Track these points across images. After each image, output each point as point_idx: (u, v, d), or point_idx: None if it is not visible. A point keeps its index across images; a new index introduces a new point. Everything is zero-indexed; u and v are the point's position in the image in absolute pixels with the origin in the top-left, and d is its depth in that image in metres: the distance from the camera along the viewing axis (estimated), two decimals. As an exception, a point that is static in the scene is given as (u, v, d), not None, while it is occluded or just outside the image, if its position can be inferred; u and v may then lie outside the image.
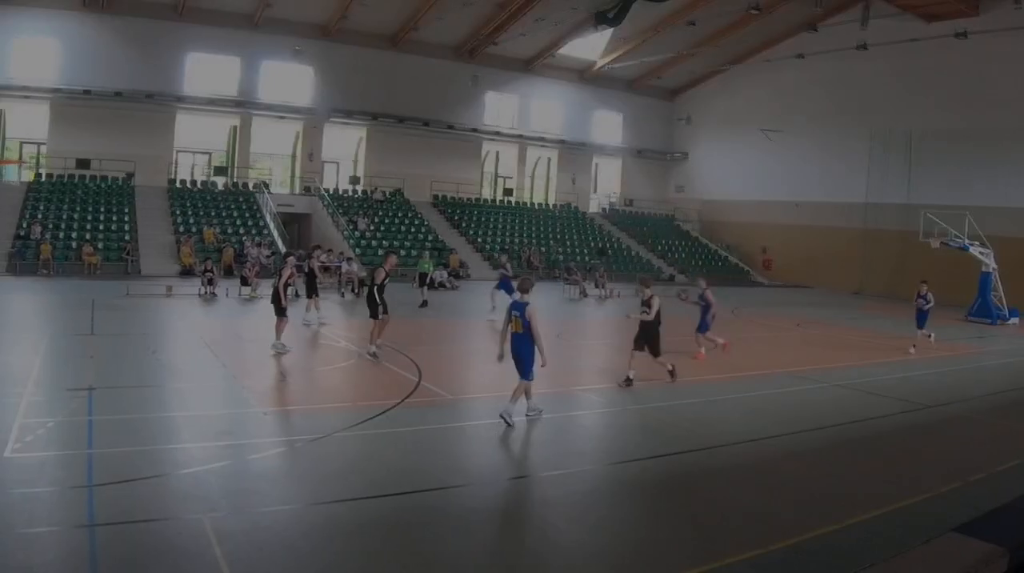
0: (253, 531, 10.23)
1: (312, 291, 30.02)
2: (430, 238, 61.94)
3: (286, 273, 23.80)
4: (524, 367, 16.02)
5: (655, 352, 20.17)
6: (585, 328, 36.44)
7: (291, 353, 22.87)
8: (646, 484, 13.27)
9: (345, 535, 10.46)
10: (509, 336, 16.07)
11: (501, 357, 16.20)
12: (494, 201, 76.09)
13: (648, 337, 20.17)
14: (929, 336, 31.70)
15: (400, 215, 65.17)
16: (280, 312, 22.96)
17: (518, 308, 16.02)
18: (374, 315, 22.82)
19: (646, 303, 20.02)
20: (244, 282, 39.79)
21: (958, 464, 15.14)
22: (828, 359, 27.73)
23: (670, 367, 20.27)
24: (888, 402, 20.76)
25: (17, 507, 10.60)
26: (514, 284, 24.24)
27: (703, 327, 26.07)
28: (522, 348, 15.95)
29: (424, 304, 37.34)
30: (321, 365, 22.44)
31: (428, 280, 39.50)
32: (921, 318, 31.66)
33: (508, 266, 37.95)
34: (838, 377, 23.98)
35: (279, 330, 22.81)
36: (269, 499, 11.48)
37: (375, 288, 22.97)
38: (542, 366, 16.12)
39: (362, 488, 12.07)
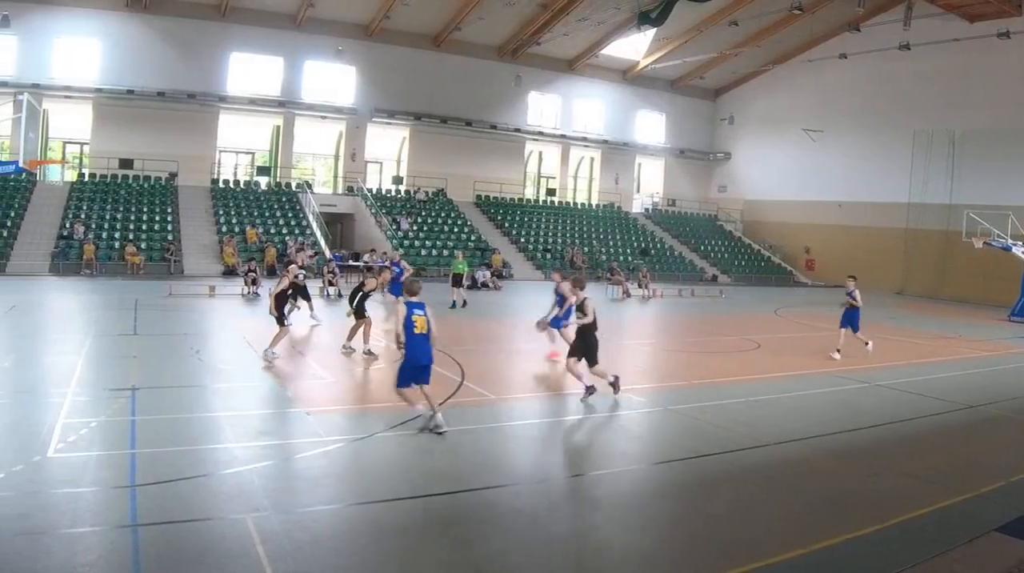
0: (295, 531, 10.22)
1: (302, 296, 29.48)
2: (473, 238, 62.14)
3: (284, 281, 23.17)
4: (427, 372, 15.35)
5: (592, 361, 18.67)
6: (627, 328, 36.18)
7: (333, 355, 22.84)
8: (689, 484, 13.22)
9: (387, 535, 10.45)
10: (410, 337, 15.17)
11: (401, 346, 15.34)
12: (537, 201, 76.14)
13: (587, 344, 18.70)
14: (866, 344, 27.88)
15: (443, 215, 65.33)
16: (279, 320, 22.20)
17: (420, 307, 15.32)
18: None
19: (580, 308, 18.61)
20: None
21: (1000, 464, 15.05)
22: (870, 359, 27.42)
23: (611, 379, 19.04)
24: (930, 402, 20.63)
25: (60, 507, 10.62)
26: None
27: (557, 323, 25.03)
28: (429, 349, 15.31)
29: (454, 305, 37.10)
30: (364, 365, 22.37)
31: (462, 281, 39.05)
32: (849, 318, 27.52)
33: (402, 263, 37.53)
34: (880, 377, 23.82)
35: (276, 339, 21.83)
36: (312, 499, 11.47)
37: (360, 293, 22.76)
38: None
39: (404, 488, 12.06)
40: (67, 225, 49.61)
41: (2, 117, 46.43)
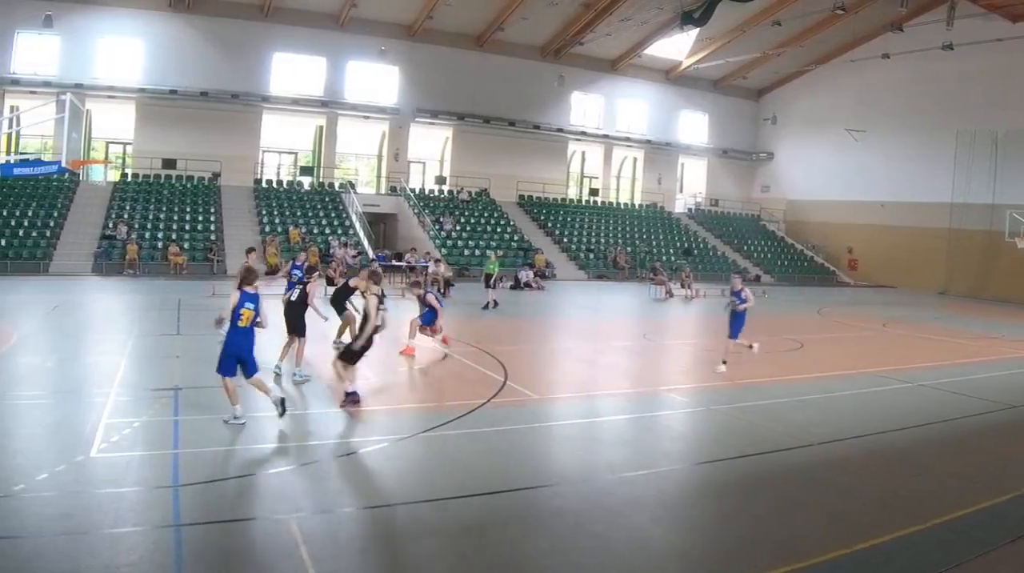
0: (339, 532, 10.28)
1: None
2: (516, 238, 62.21)
3: (312, 288, 21.08)
4: (252, 365, 15.33)
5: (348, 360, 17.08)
6: (670, 328, 36.17)
7: (376, 354, 22.79)
8: (731, 484, 13.21)
9: (431, 535, 10.46)
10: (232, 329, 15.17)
11: (220, 322, 15.51)
12: (580, 201, 76.06)
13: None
14: (751, 346, 24.69)
15: (486, 215, 65.33)
16: (300, 330, 20.20)
17: (252, 299, 15.48)
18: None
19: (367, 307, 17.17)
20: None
21: (1044, 464, 14.93)
22: (913, 359, 27.44)
23: (349, 388, 17.07)
24: (973, 402, 20.51)
25: (103, 507, 10.67)
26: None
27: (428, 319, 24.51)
28: (251, 343, 15.39)
29: (487, 306, 36.77)
30: (406, 365, 22.36)
31: (494, 282, 38.77)
32: (736, 324, 23.88)
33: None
34: (923, 377, 23.70)
35: (285, 351, 20.15)
36: (355, 499, 11.53)
37: (343, 292, 21.97)
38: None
39: (448, 488, 12.06)
40: (110, 225, 49.84)
41: (45, 117, 46.71)
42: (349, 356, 16.53)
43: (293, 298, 20.01)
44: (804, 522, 11.37)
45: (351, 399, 16.44)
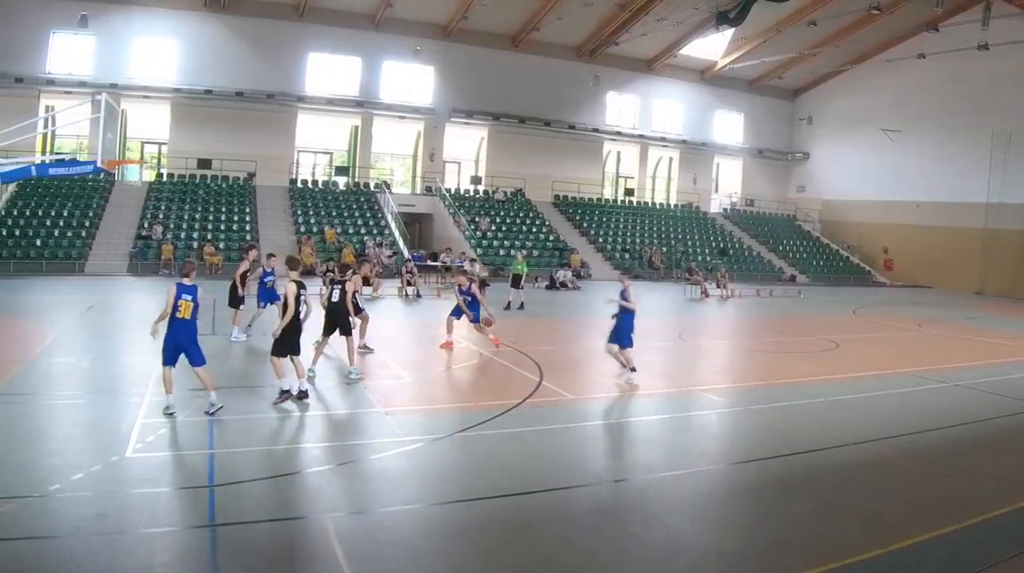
0: (375, 531, 10.29)
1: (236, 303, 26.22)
2: (551, 238, 62.25)
3: (351, 287, 20.76)
4: (195, 354, 15.47)
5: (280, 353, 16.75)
6: (706, 328, 36.13)
7: (412, 354, 22.76)
8: (767, 484, 13.17)
9: (466, 535, 10.48)
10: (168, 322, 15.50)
11: (155, 334, 15.75)
12: (615, 201, 76.02)
13: (285, 339, 16.72)
14: (632, 370, 20.45)
15: (521, 215, 65.39)
16: (346, 329, 20.11)
17: (190, 291, 15.62)
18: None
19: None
20: (365, 282, 39.83)
21: (1081, 465, 14.88)
22: (949, 359, 27.35)
23: (287, 387, 16.85)
24: (1009, 402, 20.41)
25: (139, 507, 10.72)
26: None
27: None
28: (191, 334, 15.61)
29: (509, 306, 36.43)
30: (443, 365, 22.36)
31: (521, 282, 38.52)
32: (624, 329, 20.51)
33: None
34: (959, 377, 23.57)
35: (318, 353, 19.94)
36: (391, 499, 11.50)
37: (345, 296, 21.22)
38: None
39: (483, 488, 12.08)
40: (145, 225, 50.02)
41: (80, 117, 46.87)
42: (276, 348, 16.44)
43: (334, 299, 19.78)
44: (839, 522, 11.32)
45: (283, 397, 16.29)
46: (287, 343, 16.48)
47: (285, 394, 16.30)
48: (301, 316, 16.80)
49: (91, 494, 10.89)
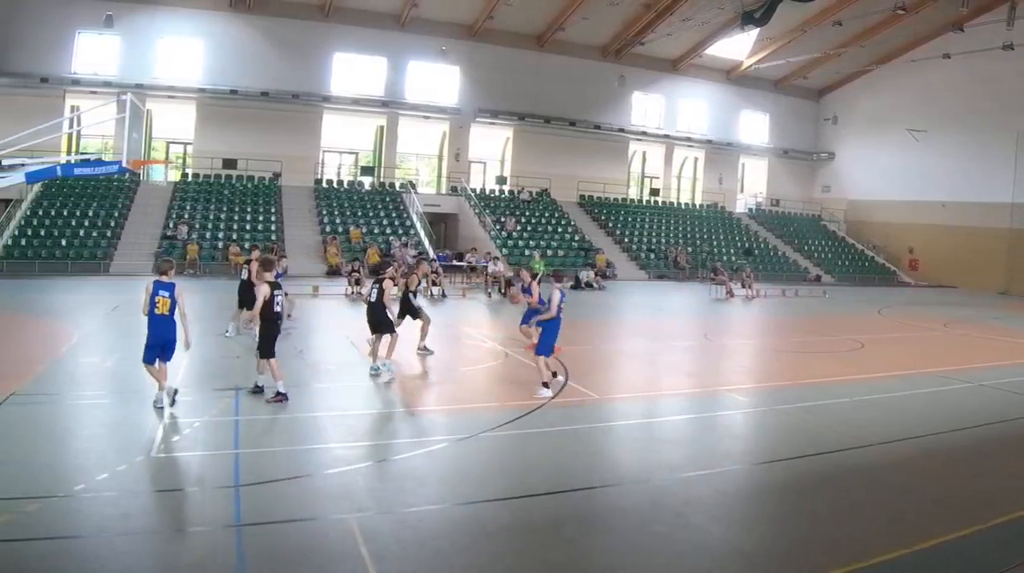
0: (400, 531, 10.25)
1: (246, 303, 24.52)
2: (576, 238, 62.32)
3: (391, 287, 20.51)
4: (170, 351, 15.64)
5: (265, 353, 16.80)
6: (731, 328, 36.07)
7: (437, 354, 22.74)
8: (792, 484, 13.13)
9: (491, 535, 10.43)
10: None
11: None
12: (641, 201, 76.08)
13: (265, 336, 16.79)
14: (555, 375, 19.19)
15: (547, 215, 65.46)
16: (386, 328, 19.79)
17: (167, 288, 15.48)
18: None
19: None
20: (392, 282, 39.75)
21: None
22: (974, 359, 27.21)
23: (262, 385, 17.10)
24: (1035, 402, 20.28)
25: (164, 507, 10.81)
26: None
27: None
28: (171, 331, 15.51)
29: None
30: (468, 365, 22.37)
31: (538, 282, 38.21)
32: (544, 335, 18.82)
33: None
34: (984, 377, 23.45)
35: (374, 350, 19.81)
36: (415, 499, 11.47)
37: (383, 295, 21.04)
38: (187, 349, 15.91)
39: (508, 488, 12.06)
40: (170, 225, 50.25)
41: (106, 117, 47.04)
42: (264, 350, 16.44)
43: (372, 299, 19.83)
44: (864, 522, 11.25)
45: (276, 397, 16.21)
46: (270, 344, 16.49)
47: (280, 395, 16.25)
48: (281, 316, 16.89)
49: (116, 494, 10.89)
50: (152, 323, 15.37)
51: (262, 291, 16.35)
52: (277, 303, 16.49)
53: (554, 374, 18.50)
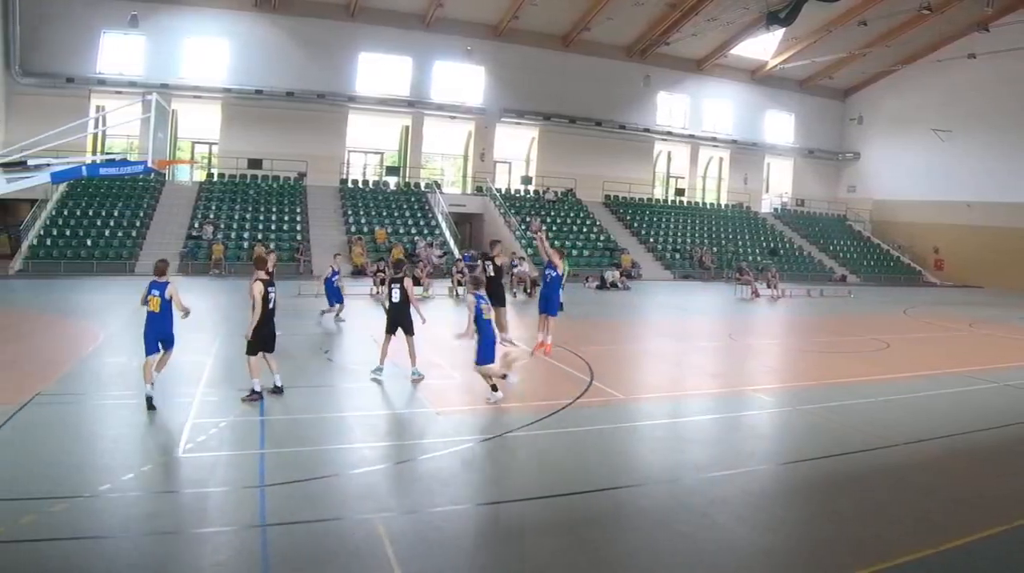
0: (425, 531, 10.28)
1: None
2: (602, 238, 62.36)
3: (409, 283, 20.03)
4: (169, 342, 16.39)
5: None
6: (756, 328, 36.02)
7: (463, 354, 22.71)
8: (817, 484, 13.11)
9: (516, 535, 10.47)
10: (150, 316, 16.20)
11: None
12: (666, 201, 76.18)
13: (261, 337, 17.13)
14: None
15: (572, 215, 65.50)
16: (410, 329, 19.69)
17: (159, 287, 16.12)
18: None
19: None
20: (416, 282, 39.83)
21: None
22: (1000, 359, 27.09)
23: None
24: (1064, 402, 20.19)
25: (189, 506, 10.85)
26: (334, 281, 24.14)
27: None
28: (167, 325, 16.26)
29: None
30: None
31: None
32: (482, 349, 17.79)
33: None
34: (1010, 377, 23.32)
35: (412, 353, 19.50)
36: (441, 500, 11.47)
37: (495, 280, 21.30)
38: (184, 316, 16.59)
39: (533, 488, 12.09)
40: (196, 225, 50.43)
41: (131, 117, 47.18)
42: (249, 348, 16.69)
43: (396, 299, 19.66)
44: (889, 522, 11.24)
45: (252, 396, 16.32)
46: (259, 341, 16.75)
47: (255, 394, 16.34)
48: (274, 312, 17.27)
49: (142, 494, 10.98)
50: (148, 319, 16.04)
51: (257, 289, 16.63)
52: (271, 300, 16.85)
53: (503, 376, 18.04)
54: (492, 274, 21.28)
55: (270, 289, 16.81)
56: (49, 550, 9.33)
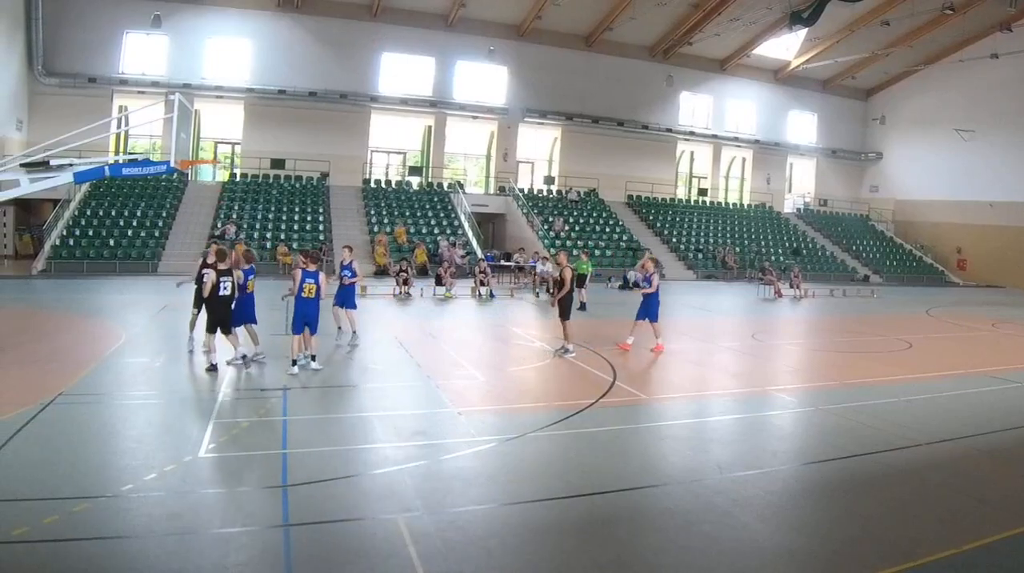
0: (448, 531, 10.21)
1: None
2: (624, 238, 62.30)
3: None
4: (315, 325, 19.44)
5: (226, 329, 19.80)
6: (779, 328, 35.92)
7: (485, 354, 22.70)
8: (839, 484, 13.01)
9: (539, 535, 10.40)
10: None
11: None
12: (689, 201, 76.31)
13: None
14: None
15: (595, 215, 65.43)
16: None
17: (313, 276, 19.18)
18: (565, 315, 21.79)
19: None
20: (439, 282, 39.89)
21: None
22: (1019, 360, 26.82)
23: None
24: (1088, 403, 20.09)
25: (212, 506, 10.79)
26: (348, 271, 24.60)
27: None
28: (315, 310, 19.28)
29: (582, 307, 36.22)
30: (516, 365, 22.35)
31: (585, 282, 38.08)
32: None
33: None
34: (1034, 377, 23.19)
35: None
36: (464, 499, 11.43)
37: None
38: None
39: (556, 488, 12.00)
40: (219, 225, 50.49)
41: (154, 117, 47.36)
42: (208, 325, 19.20)
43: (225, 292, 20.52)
44: (913, 522, 11.19)
45: (211, 368, 18.68)
46: (215, 321, 19.22)
47: (213, 367, 18.72)
48: (229, 299, 19.38)
49: (164, 494, 10.93)
50: (298, 303, 19.29)
51: (211, 277, 18.63)
52: (224, 287, 18.77)
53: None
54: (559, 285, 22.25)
55: (223, 278, 18.87)
56: (72, 550, 9.30)
